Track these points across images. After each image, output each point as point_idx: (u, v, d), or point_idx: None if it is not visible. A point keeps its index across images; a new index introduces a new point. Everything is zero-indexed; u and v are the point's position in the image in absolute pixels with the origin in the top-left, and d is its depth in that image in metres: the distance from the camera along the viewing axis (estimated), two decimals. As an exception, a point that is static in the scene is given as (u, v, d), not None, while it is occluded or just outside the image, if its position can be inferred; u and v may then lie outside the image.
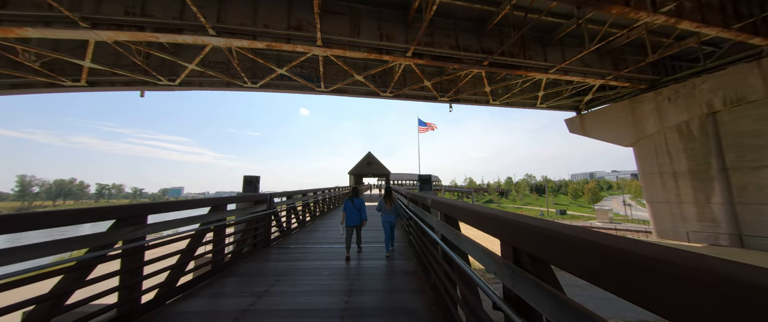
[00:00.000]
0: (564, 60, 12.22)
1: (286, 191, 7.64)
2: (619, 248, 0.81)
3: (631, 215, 47.15)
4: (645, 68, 13.90)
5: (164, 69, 12.04)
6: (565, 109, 18.38)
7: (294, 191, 8.55)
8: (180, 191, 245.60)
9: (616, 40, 12.76)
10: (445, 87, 15.35)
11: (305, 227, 9.13)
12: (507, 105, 17.08)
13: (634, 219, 44.99)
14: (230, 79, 12.31)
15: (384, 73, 14.35)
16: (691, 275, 0.63)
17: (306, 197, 9.49)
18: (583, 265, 0.94)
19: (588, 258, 0.92)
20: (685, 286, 0.63)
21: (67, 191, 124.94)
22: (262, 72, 12.67)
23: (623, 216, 47.69)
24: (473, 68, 11.61)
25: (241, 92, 14.68)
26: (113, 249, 2.78)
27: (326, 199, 13.06)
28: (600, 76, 13.32)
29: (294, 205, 8.32)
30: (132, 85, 12.08)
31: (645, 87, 14.26)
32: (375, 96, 14.60)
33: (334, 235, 7.64)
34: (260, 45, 9.35)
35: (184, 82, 12.36)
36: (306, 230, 8.54)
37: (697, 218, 12.17)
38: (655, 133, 13.76)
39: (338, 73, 13.65)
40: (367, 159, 30.28)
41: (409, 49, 10.27)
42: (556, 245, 1.08)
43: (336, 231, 8.09)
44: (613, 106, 15.93)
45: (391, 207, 5.87)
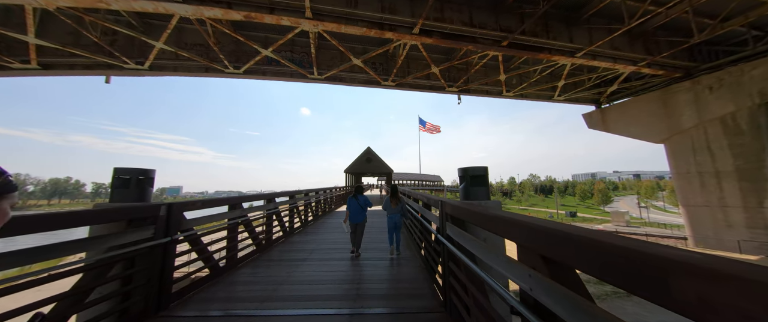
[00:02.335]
0: (592, 42, 10.62)
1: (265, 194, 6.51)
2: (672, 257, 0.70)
3: (647, 218, 45.24)
4: (681, 54, 12.28)
5: (133, 51, 10.44)
6: (584, 103, 16.76)
7: (276, 193, 6.98)
8: (179, 190, 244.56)
9: (650, 21, 11.15)
10: (454, 76, 13.74)
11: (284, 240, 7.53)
12: (521, 97, 15.47)
13: (653, 222, 42.90)
14: (209, 63, 10.71)
15: (385, 59, 12.75)
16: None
17: (293, 199, 7.88)
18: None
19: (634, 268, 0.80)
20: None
21: (63, 189, 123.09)
22: (246, 56, 11.06)
23: (639, 218, 45.76)
24: (489, 50, 10.00)
25: (232, 82, 13.11)
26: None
27: (321, 201, 11.44)
28: (631, 61, 11.71)
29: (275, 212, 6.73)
30: (94, 68, 10.47)
31: (680, 76, 12.64)
32: (375, 85, 12.99)
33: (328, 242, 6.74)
34: (237, 16, 7.75)
35: (155, 66, 10.75)
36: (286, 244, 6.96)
37: (746, 225, 10.57)
38: (693, 127, 12.14)
39: (334, 59, 12.06)
40: (367, 155, 26.94)
41: (415, 25, 8.67)
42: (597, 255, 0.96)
43: (334, 234, 7.63)
44: (640, 98, 14.32)
45: (397, 207, 5.79)
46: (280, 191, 7.40)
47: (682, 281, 0.67)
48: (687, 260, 0.67)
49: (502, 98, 15.31)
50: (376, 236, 7.31)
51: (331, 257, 5.34)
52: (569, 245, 1.12)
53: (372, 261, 5.03)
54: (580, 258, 1.05)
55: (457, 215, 2.60)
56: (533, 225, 1.37)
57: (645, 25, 11.33)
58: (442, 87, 13.64)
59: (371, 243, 6.45)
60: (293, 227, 7.71)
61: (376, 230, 8.16)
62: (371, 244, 6.37)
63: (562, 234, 1.15)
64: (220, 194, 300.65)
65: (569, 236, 1.11)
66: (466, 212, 2.33)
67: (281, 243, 6.59)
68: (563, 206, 58.73)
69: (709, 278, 0.63)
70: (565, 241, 1.14)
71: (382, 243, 6.41)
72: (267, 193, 6.46)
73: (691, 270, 0.66)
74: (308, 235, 7.57)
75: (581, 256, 1.04)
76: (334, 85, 12.89)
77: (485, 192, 4.02)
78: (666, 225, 39.41)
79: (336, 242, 6.66)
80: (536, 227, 1.35)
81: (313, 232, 8.04)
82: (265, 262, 5.01)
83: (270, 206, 6.23)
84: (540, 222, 1.37)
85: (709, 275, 0.62)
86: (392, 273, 4.34)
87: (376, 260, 5.07)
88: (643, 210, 48.99)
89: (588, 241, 1.01)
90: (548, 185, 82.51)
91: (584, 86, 14.79)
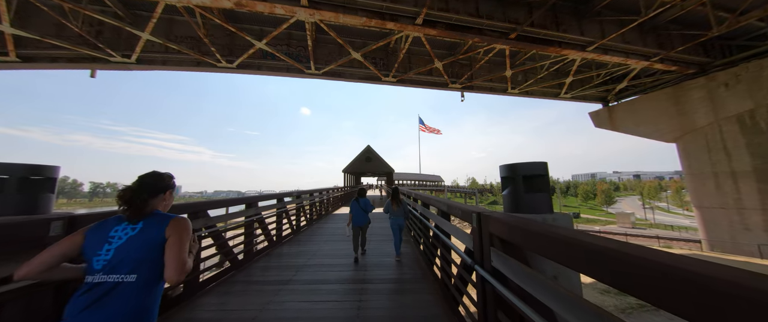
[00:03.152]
0: (603, 36, 10.11)
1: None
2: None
3: (653, 219, 44.58)
4: (694, 49, 11.77)
5: (120, 43, 9.90)
6: (591, 100, 16.24)
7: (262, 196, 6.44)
8: (178, 190, 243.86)
9: (663, 15, 10.64)
10: (457, 72, 13.21)
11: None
12: (526, 94, 14.95)
13: (659, 224, 42.19)
14: (201, 56, 10.16)
15: (386, 54, 12.22)
16: None
17: (281, 203, 7.29)
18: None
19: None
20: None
21: (60, 189, 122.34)
22: (240, 49, 10.52)
23: (643, 220, 45.06)
24: (497, 43, 9.48)
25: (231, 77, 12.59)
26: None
27: (315, 204, 10.90)
28: (644, 56, 11.20)
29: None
30: (78, 61, 9.92)
31: (694, 72, 12.12)
32: (375, 81, 12.45)
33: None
34: (227, 3, 7.22)
35: (143, 60, 10.21)
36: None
37: (765, 228, 10.05)
38: (707, 125, 11.63)
39: (332, 53, 11.52)
40: (366, 154, 25.63)
41: (419, 15, 8.14)
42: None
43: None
44: (650, 95, 13.80)
45: (399, 209, 5.69)
46: (267, 194, 6.74)
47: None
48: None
49: (506, 95, 14.79)
50: (377, 247, 6.46)
51: (323, 280, 4.26)
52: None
53: (375, 284, 4.05)
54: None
55: (513, 238, 1.67)
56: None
57: (657, 18, 10.82)
58: (445, 83, 13.11)
59: (374, 256, 5.65)
60: (281, 236, 6.86)
61: (377, 238, 7.36)
62: (375, 257, 5.60)
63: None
64: (219, 193, 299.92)
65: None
66: (534, 234, 1.44)
67: (263, 257, 5.56)
68: (565, 206, 58.17)
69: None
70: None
71: (387, 257, 5.58)
72: (250, 196, 5.65)
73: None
74: (298, 246, 6.51)
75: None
76: (333, 80, 12.35)
77: (546, 201, 2.77)
78: (673, 227, 38.79)
79: (334, 254, 5.77)
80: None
81: (305, 241, 7.10)
82: (242, 284, 4.13)
83: (250, 212, 5.32)
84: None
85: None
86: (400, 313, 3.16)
87: (380, 283, 4.09)
88: (647, 211, 48.32)
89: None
90: (550, 186, 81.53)
91: (592, 83, 14.27)
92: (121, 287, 1.28)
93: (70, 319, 1.21)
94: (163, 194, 1.57)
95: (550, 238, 1.29)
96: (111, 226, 1.42)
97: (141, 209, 1.45)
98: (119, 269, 1.31)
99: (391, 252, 5.86)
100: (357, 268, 4.81)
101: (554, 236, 1.26)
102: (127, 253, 1.34)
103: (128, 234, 1.39)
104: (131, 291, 1.29)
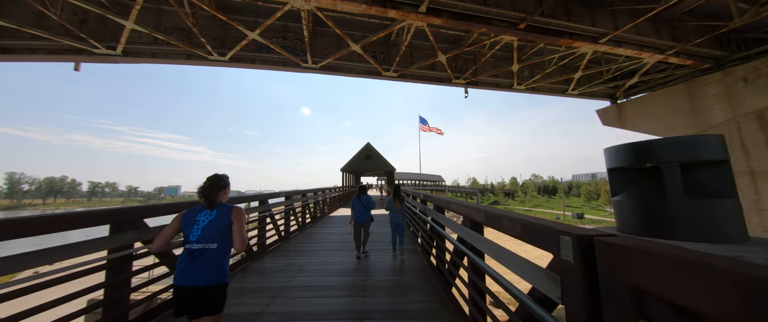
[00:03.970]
0: (616, 27, 9.56)
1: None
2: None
3: None
4: (710, 42, 11.22)
5: (105, 34, 9.34)
6: (598, 97, 15.69)
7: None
8: (177, 189, 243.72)
9: (679, 5, 10.06)
10: (461, 67, 12.67)
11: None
12: (532, 90, 14.40)
13: None
14: (191, 48, 9.61)
15: (386, 48, 11.66)
16: None
17: (265, 205, 6.72)
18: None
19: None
20: None
21: (58, 189, 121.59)
22: (233, 41, 9.96)
23: None
24: (505, 34, 8.93)
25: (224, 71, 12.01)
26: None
27: (309, 205, 10.34)
28: (659, 49, 10.65)
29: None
30: (60, 53, 9.38)
31: (709, 67, 11.58)
32: (375, 76, 11.89)
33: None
34: (215, -13, 6.64)
35: (130, 52, 9.65)
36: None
37: (788, 230, 9.52)
38: (724, 122, 11.09)
39: (330, 47, 10.96)
40: (366, 152, 24.72)
41: (423, 2, 7.57)
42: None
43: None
44: (662, 91, 13.26)
45: (399, 207, 5.85)
46: (251, 195, 6.13)
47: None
48: None
49: (512, 92, 14.24)
50: (380, 258, 5.65)
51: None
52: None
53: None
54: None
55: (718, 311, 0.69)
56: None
57: (673, 9, 10.25)
58: (449, 78, 12.55)
59: (377, 271, 4.83)
60: (264, 245, 6.23)
61: (380, 246, 6.47)
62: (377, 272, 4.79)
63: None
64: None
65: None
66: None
67: (238, 273, 4.75)
68: (568, 207, 57.61)
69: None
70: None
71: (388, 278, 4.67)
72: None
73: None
74: (285, 258, 5.68)
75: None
76: (331, 75, 11.79)
77: (733, 216, 1.70)
78: None
79: (325, 270, 4.86)
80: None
81: (294, 251, 6.24)
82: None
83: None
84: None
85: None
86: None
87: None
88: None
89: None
90: (551, 186, 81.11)
91: (600, 79, 13.73)
92: (207, 251, 2.03)
93: (180, 269, 2.01)
94: (224, 189, 2.28)
95: None
96: (196, 212, 2.16)
97: (213, 200, 2.19)
98: (205, 240, 2.04)
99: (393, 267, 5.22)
100: (353, 293, 3.86)
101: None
102: (209, 230, 2.07)
103: (208, 218, 2.11)
104: (213, 253, 2.04)
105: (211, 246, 2.03)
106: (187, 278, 1.98)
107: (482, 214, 2.35)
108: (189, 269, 1.98)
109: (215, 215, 2.12)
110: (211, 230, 2.06)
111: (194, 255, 2.00)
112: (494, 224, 2.04)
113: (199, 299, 1.97)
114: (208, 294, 1.99)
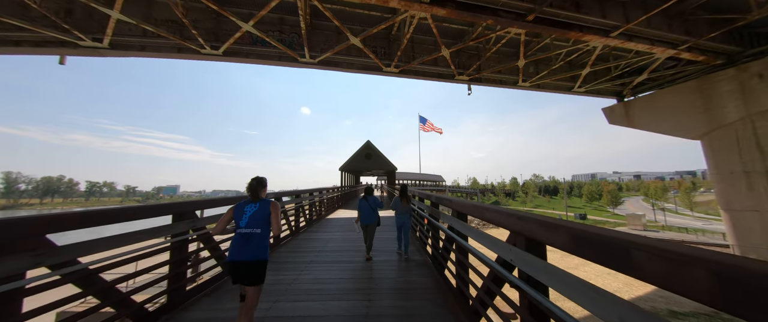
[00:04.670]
0: (628, 20, 9.13)
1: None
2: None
3: (664, 221, 43.29)
4: (724, 37, 10.79)
5: (92, 25, 8.88)
6: (605, 95, 15.28)
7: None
8: (176, 189, 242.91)
9: (691, -1, 9.67)
10: (464, 63, 12.23)
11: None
12: (537, 88, 13.97)
13: (672, 226, 40.81)
14: (182, 41, 9.15)
15: (387, 43, 11.22)
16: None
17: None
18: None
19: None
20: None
21: (55, 188, 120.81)
22: (226, 34, 9.51)
23: (654, 222, 43.79)
24: (512, 26, 8.49)
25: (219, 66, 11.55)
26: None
27: (303, 208, 9.88)
28: (671, 44, 10.22)
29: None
30: (44, 46, 8.92)
31: (722, 62, 11.15)
32: (375, 71, 11.45)
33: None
34: (204, -27, 6.20)
35: (117, 45, 9.20)
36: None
37: (808, 233, 9.12)
38: (738, 121, 10.67)
39: (329, 40, 10.52)
40: (366, 150, 23.26)
41: (426, -9, 7.13)
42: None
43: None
44: (672, 89, 12.84)
45: (406, 207, 5.90)
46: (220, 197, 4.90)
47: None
48: None
49: (516, 89, 13.81)
50: (383, 270, 4.94)
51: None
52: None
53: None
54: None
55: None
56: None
57: (685, 2, 9.84)
58: (452, 75, 12.12)
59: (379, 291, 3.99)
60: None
61: (384, 259, 5.58)
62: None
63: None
64: (218, 193, 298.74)
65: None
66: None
67: (198, 301, 3.69)
68: (570, 207, 57.16)
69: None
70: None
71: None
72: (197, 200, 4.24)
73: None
74: (275, 273, 4.66)
75: None
76: (330, 70, 11.34)
77: None
78: (687, 229, 37.55)
79: (319, 291, 3.96)
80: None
81: (284, 263, 5.28)
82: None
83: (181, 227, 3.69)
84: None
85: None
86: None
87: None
88: (656, 212, 47.17)
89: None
90: (552, 186, 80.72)
91: (608, 76, 13.30)
92: (254, 234, 2.68)
93: (234, 248, 2.64)
94: (264, 187, 3.01)
95: None
96: (244, 205, 2.82)
97: (257, 195, 2.91)
98: (252, 226, 2.70)
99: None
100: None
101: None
102: (254, 219, 2.74)
103: (253, 209, 2.78)
104: (258, 236, 2.69)
105: (256, 231, 2.66)
106: (240, 255, 2.59)
107: (537, 225, 1.72)
108: (240, 249, 2.60)
109: (258, 207, 2.78)
110: (256, 218, 2.70)
111: (244, 238, 2.63)
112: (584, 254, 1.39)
113: (248, 271, 2.56)
114: (255, 267, 2.59)
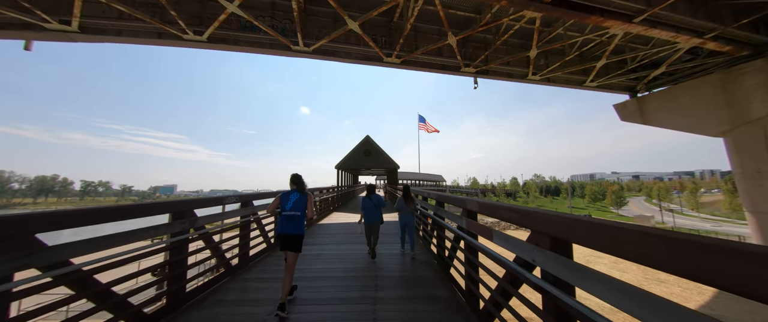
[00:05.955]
0: (651, 4, 8.31)
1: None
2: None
3: (673, 223, 42.50)
4: (751, 26, 10.02)
5: (60, 7, 7.99)
6: (617, 90, 14.50)
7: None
8: (173, 188, 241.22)
9: (718, -18, 8.89)
10: (471, 54, 11.42)
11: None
12: (547, 81, 13.19)
13: (681, 228, 39.93)
14: (162, 25, 8.26)
15: (388, 32, 10.38)
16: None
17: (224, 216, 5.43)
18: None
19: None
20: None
21: (49, 187, 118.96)
22: (211, 18, 8.65)
23: (661, 223, 43.00)
24: (528, 9, 7.65)
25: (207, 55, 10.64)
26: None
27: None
28: (696, 32, 9.42)
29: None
30: (6, 28, 8.01)
31: (748, 54, 10.38)
32: (375, 61, 10.60)
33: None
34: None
35: (88, 28, 8.32)
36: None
37: None
38: (766, 116, 9.89)
39: (325, 27, 9.67)
40: (365, 146, 21.22)
41: (433, -35, 6.29)
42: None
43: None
44: (691, 83, 12.07)
45: (411, 207, 6.01)
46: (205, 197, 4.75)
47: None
48: None
49: (525, 82, 13.01)
50: (387, 280, 4.53)
51: None
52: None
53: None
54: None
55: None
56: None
57: (711, -13, 9.05)
58: (458, 66, 11.29)
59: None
60: (247, 257, 5.05)
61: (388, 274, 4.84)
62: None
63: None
64: (216, 192, 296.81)
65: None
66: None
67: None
68: (573, 208, 56.45)
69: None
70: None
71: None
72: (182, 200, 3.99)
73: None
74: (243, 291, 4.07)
75: None
76: (326, 60, 10.46)
77: None
78: (699, 231, 36.75)
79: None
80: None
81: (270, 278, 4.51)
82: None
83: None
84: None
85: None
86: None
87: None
88: (661, 212, 46.48)
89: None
90: (554, 186, 79.96)
91: (623, 69, 12.52)
92: (296, 216, 3.85)
93: (282, 225, 3.83)
94: (303, 183, 4.16)
95: None
96: (289, 194, 3.98)
97: (302, 187, 4.07)
98: (295, 210, 3.86)
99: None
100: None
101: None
102: (297, 204, 3.89)
103: (297, 197, 3.94)
104: (299, 218, 3.88)
105: (297, 213, 3.85)
106: (287, 229, 3.78)
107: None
108: (287, 225, 3.80)
109: (299, 196, 3.96)
110: (298, 204, 3.90)
111: (289, 218, 3.82)
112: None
113: (292, 241, 3.76)
114: (296, 239, 3.79)
